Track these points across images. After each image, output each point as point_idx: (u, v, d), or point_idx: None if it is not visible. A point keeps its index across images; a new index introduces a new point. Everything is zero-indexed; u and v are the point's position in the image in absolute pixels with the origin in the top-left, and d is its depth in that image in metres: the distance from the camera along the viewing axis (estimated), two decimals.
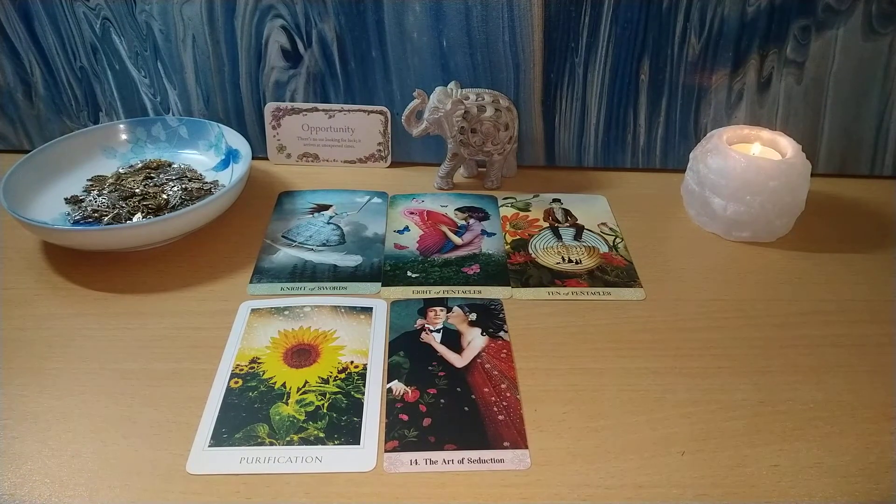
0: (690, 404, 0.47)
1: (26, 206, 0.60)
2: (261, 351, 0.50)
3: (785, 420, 0.46)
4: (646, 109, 0.72)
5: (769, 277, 0.60)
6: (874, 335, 0.53)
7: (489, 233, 0.64)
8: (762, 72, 0.70)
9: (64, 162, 0.67)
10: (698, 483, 0.41)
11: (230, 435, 0.43)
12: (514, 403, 0.46)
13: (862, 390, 0.48)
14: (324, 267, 0.59)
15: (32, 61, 0.71)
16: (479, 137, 0.67)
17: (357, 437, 0.44)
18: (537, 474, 0.41)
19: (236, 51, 0.70)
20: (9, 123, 0.75)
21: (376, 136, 0.73)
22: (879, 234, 0.66)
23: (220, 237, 0.63)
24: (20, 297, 0.55)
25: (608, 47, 0.68)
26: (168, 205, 0.63)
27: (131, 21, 0.69)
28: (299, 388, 0.47)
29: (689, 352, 0.51)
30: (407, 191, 0.71)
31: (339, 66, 0.70)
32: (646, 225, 0.66)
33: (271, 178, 0.73)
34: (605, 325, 0.54)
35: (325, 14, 0.68)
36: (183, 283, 0.57)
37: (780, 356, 0.51)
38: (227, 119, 0.73)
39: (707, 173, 0.63)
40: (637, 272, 0.60)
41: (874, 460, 0.43)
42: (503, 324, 0.53)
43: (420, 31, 0.68)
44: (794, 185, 0.61)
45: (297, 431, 0.44)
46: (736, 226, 0.63)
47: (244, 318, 0.53)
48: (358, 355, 0.50)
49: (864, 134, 0.72)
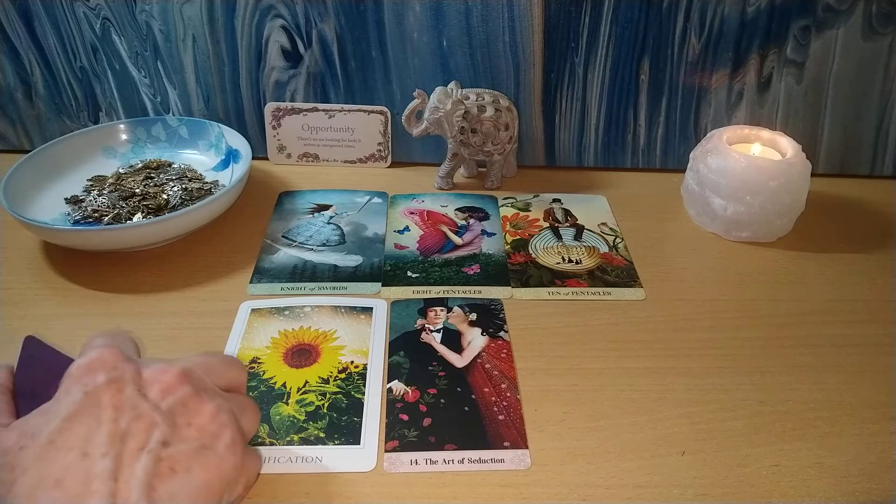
0: (690, 404, 0.47)
1: (26, 206, 0.60)
2: (261, 351, 0.50)
3: (785, 420, 0.46)
4: (646, 109, 0.72)
5: (769, 277, 0.60)
6: (874, 335, 0.53)
7: (489, 233, 0.64)
8: (762, 72, 0.70)
9: (64, 162, 0.67)
10: (698, 483, 0.41)
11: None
12: (514, 403, 0.46)
13: (862, 390, 0.48)
14: (324, 267, 0.59)
15: (32, 61, 0.71)
16: (479, 137, 0.67)
17: (357, 437, 0.44)
18: (537, 474, 0.41)
19: (236, 51, 0.70)
20: (9, 123, 0.75)
21: (376, 136, 0.73)
22: (879, 234, 0.66)
23: (220, 237, 0.63)
24: (20, 297, 0.55)
25: (608, 47, 0.68)
26: (168, 205, 0.63)
27: (131, 21, 0.69)
28: (299, 388, 0.47)
29: (689, 352, 0.51)
30: (407, 191, 0.71)
31: (339, 66, 0.70)
32: (646, 225, 0.66)
33: (271, 178, 0.73)
34: (605, 325, 0.54)
35: (326, 14, 0.68)
36: (183, 283, 0.57)
37: (780, 356, 0.51)
38: (227, 119, 0.73)
39: (707, 173, 0.63)
40: (637, 272, 0.60)
41: (874, 460, 0.43)
42: (503, 324, 0.53)
43: (420, 31, 0.68)
44: (794, 185, 0.61)
45: (297, 431, 0.44)
46: (736, 226, 0.63)
47: (244, 318, 0.53)
48: (358, 355, 0.50)
49: (864, 134, 0.72)
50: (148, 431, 0.32)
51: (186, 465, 0.32)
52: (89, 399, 0.32)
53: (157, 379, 0.34)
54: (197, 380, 0.35)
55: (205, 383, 0.35)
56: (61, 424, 0.31)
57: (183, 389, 0.34)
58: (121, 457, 0.31)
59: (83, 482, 0.30)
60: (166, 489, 0.31)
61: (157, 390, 0.34)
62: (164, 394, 0.34)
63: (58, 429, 0.31)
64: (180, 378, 0.34)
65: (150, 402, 0.33)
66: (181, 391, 0.34)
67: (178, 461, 0.32)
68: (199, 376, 0.35)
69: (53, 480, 0.30)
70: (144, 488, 0.30)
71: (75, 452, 0.30)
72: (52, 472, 0.30)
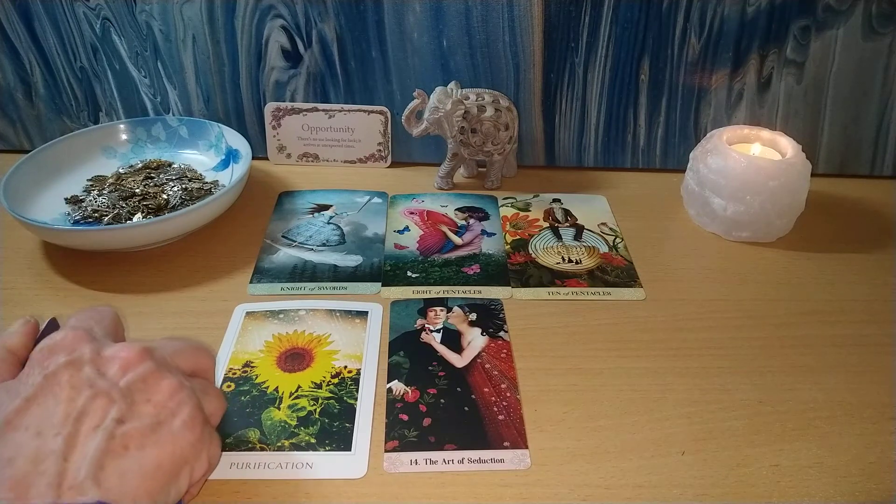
0: (690, 404, 0.47)
1: (26, 206, 0.60)
2: (254, 355, 0.50)
3: (785, 420, 0.46)
4: (646, 109, 0.72)
5: (769, 277, 0.60)
6: (874, 335, 0.53)
7: (489, 233, 0.64)
8: (762, 72, 0.70)
9: (64, 162, 0.67)
10: (698, 483, 0.41)
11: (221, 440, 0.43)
12: (514, 403, 0.46)
13: (862, 390, 0.48)
14: (324, 267, 0.59)
15: (32, 61, 0.71)
16: (479, 137, 0.67)
17: (349, 443, 0.43)
18: (537, 474, 0.41)
19: (236, 51, 0.70)
20: (9, 123, 0.75)
21: (376, 136, 0.73)
22: (879, 234, 0.66)
23: (220, 237, 0.63)
24: (20, 297, 0.55)
25: (608, 47, 0.68)
26: (168, 205, 0.63)
27: (131, 21, 0.69)
28: (292, 393, 0.46)
29: (689, 352, 0.51)
30: (407, 191, 0.71)
31: (339, 66, 0.70)
32: (646, 225, 0.66)
33: (271, 178, 0.73)
34: (605, 325, 0.54)
35: (326, 14, 0.68)
36: (183, 284, 0.57)
37: (780, 356, 0.51)
38: (227, 119, 0.73)
39: (707, 173, 0.63)
40: (637, 272, 0.60)
41: (874, 460, 0.43)
42: (503, 324, 0.53)
43: (420, 31, 0.68)
44: (794, 185, 0.61)
45: (288, 437, 0.43)
46: (736, 226, 0.63)
47: (239, 321, 0.53)
48: (352, 360, 0.49)
49: (864, 134, 0.72)
50: (104, 409, 0.31)
51: (140, 443, 0.31)
52: (48, 380, 0.32)
53: (117, 356, 0.34)
54: (158, 357, 0.35)
55: (166, 361, 0.35)
56: (20, 405, 0.31)
57: (143, 366, 0.34)
58: (74, 436, 0.30)
59: (33, 461, 0.30)
60: (116, 468, 0.30)
61: (117, 367, 0.33)
62: (124, 371, 0.33)
63: (16, 409, 0.31)
64: (141, 355, 0.34)
65: (109, 381, 0.32)
66: (141, 367, 0.34)
67: (132, 438, 0.31)
68: (160, 355, 0.35)
69: (6, 459, 0.30)
70: (93, 468, 0.30)
71: (31, 432, 0.30)
72: (5, 451, 0.30)
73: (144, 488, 0.31)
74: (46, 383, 0.32)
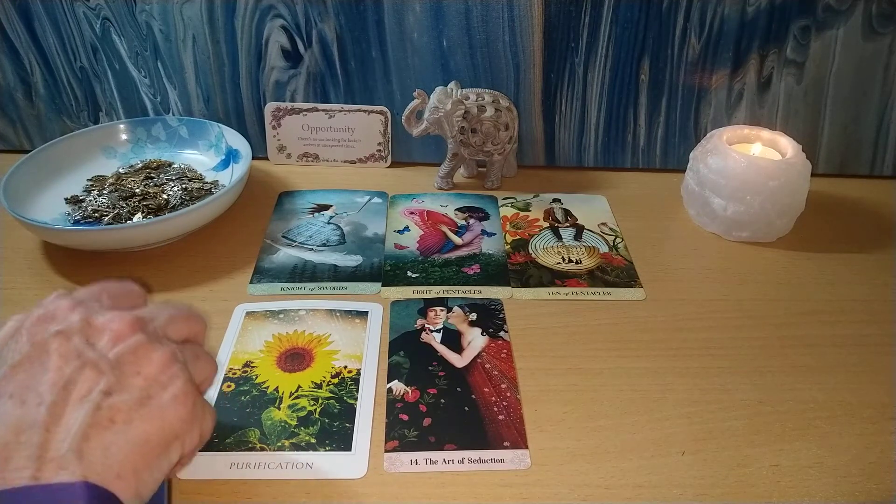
0: (690, 404, 0.47)
1: (26, 206, 0.60)
2: (254, 355, 0.50)
3: (785, 420, 0.46)
4: (646, 109, 0.72)
5: (769, 277, 0.60)
6: (874, 335, 0.53)
7: (489, 233, 0.64)
8: (762, 72, 0.70)
9: (64, 162, 0.67)
10: (698, 483, 0.41)
11: (221, 440, 0.43)
12: (514, 403, 0.46)
13: (862, 390, 0.48)
14: (324, 267, 0.59)
15: (32, 61, 0.71)
16: (479, 137, 0.67)
17: (349, 443, 0.43)
18: (537, 474, 0.41)
19: (236, 51, 0.70)
20: (9, 123, 0.75)
21: (376, 136, 0.73)
22: (879, 234, 0.66)
23: (220, 237, 0.63)
24: (20, 297, 0.55)
25: (608, 47, 0.68)
26: (168, 205, 0.63)
27: (131, 21, 0.69)
28: (292, 393, 0.46)
29: (689, 352, 0.51)
30: (407, 191, 0.71)
31: (339, 66, 0.70)
32: (646, 225, 0.66)
33: (271, 178, 0.73)
34: (605, 325, 0.54)
35: (325, 14, 0.68)
36: (183, 284, 0.57)
37: (780, 356, 0.51)
38: (227, 119, 0.73)
39: (707, 173, 0.63)
40: (637, 272, 0.60)
41: (874, 460, 0.43)
42: (503, 324, 0.53)
43: (420, 31, 0.68)
44: (794, 185, 0.61)
45: (288, 437, 0.43)
46: (736, 226, 0.63)
47: (239, 321, 0.53)
48: (352, 360, 0.49)
49: (864, 134, 0.72)
50: (92, 381, 0.31)
51: (127, 416, 0.30)
52: (36, 349, 0.31)
53: (108, 327, 0.33)
54: (150, 329, 0.34)
55: (158, 333, 0.34)
56: (6, 372, 0.31)
57: (135, 338, 0.33)
58: (60, 406, 0.30)
59: (15, 431, 0.29)
60: (101, 440, 0.29)
61: (108, 339, 0.32)
62: (115, 342, 0.32)
63: (1, 376, 0.30)
64: (132, 326, 0.33)
65: (98, 352, 0.32)
66: (132, 339, 0.33)
67: (119, 411, 0.30)
68: (153, 326, 0.34)
69: None
70: (77, 439, 0.29)
71: (14, 400, 0.30)
72: None
73: (130, 463, 0.30)
74: (34, 351, 0.31)
